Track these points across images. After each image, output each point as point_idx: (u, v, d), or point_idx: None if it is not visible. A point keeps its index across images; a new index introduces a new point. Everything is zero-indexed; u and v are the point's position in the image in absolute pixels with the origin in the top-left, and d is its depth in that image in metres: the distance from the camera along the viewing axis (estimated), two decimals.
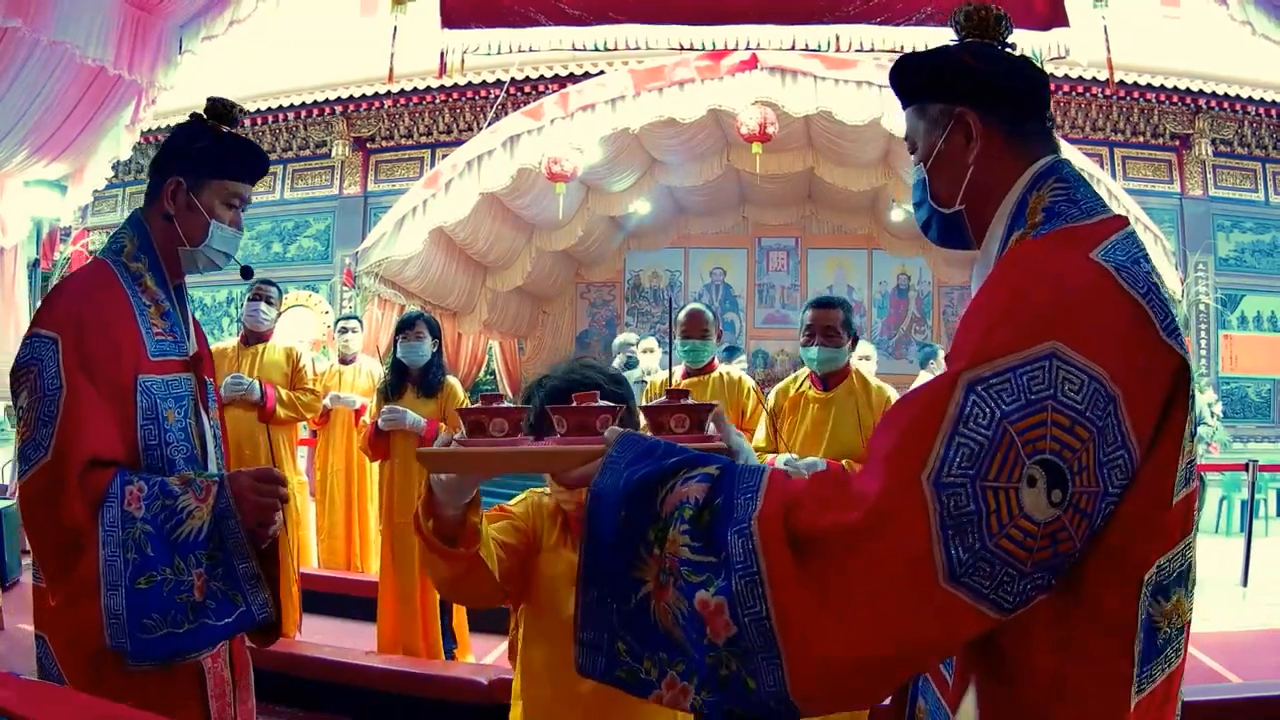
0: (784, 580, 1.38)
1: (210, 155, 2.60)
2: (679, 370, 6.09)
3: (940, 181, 1.82)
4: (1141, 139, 15.82)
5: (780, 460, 4.62)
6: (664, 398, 1.87)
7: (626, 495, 1.57)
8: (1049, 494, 1.36)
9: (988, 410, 1.38)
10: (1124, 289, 1.47)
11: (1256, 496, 10.46)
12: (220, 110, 2.64)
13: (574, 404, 1.85)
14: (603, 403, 1.88)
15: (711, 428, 1.86)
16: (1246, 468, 9.63)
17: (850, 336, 4.82)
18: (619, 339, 10.80)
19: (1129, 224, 1.61)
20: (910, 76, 1.87)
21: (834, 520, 1.39)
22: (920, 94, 1.85)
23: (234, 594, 2.42)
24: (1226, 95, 14.84)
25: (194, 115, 2.66)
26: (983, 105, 1.76)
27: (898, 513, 1.35)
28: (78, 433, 2.30)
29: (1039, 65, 1.84)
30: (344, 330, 8.46)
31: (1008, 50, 1.83)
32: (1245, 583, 8.74)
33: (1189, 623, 1.56)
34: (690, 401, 1.86)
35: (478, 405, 1.86)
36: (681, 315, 6.06)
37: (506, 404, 1.88)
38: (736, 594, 1.40)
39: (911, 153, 1.90)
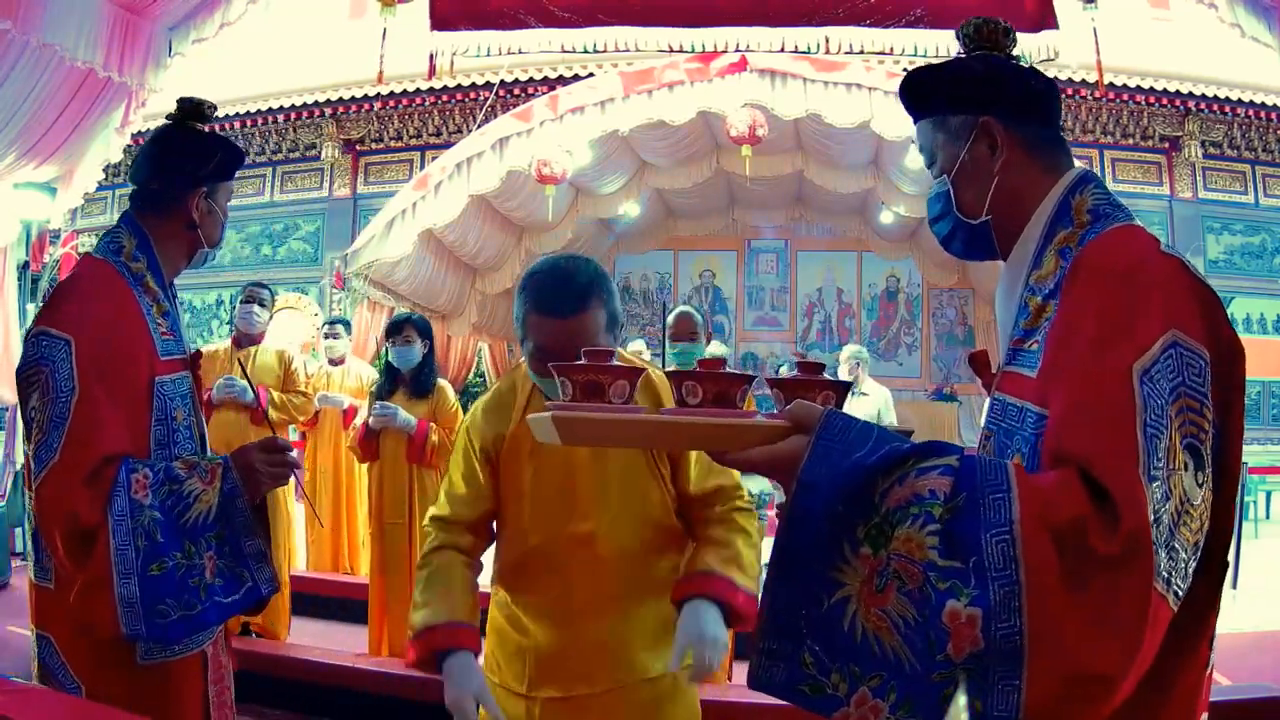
0: (1047, 593, 1.29)
1: (224, 163, 2.67)
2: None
3: (966, 192, 1.81)
4: (1131, 141, 15.88)
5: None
6: (797, 372, 1.67)
7: (847, 486, 1.41)
8: (1196, 476, 1.37)
9: (1158, 400, 1.38)
10: (1196, 277, 1.51)
11: (1246, 499, 10.49)
12: (195, 110, 2.69)
13: (588, 359, 1.68)
14: (736, 370, 1.67)
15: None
16: None
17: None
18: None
19: None
20: (925, 89, 1.86)
21: (1099, 535, 1.31)
22: (938, 106, 1.84)
23: (240, 571, 2.45)
24: (1216, 98, 14.90)
25: (171, 117, 2.70)
26: (1006, 114, 1.76)
27: (1142, 522, 1.30)
28: (90, 434, 2.31)
29: (1047, 76, 1.83)
30: (328, 335, 8.46)
31: (1016, 61, 1.83)
32: (1235, 585, 8.74)
33: None
34: (832, 377, 1.66)
35: (584, 363, 1.67)
36: (670, 318, 6.05)
37: (616, 361, 1.71)
38: (993, 606, 1.30)
39: (929, 166, 1.88)
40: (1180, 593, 1.35)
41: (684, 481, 2.62)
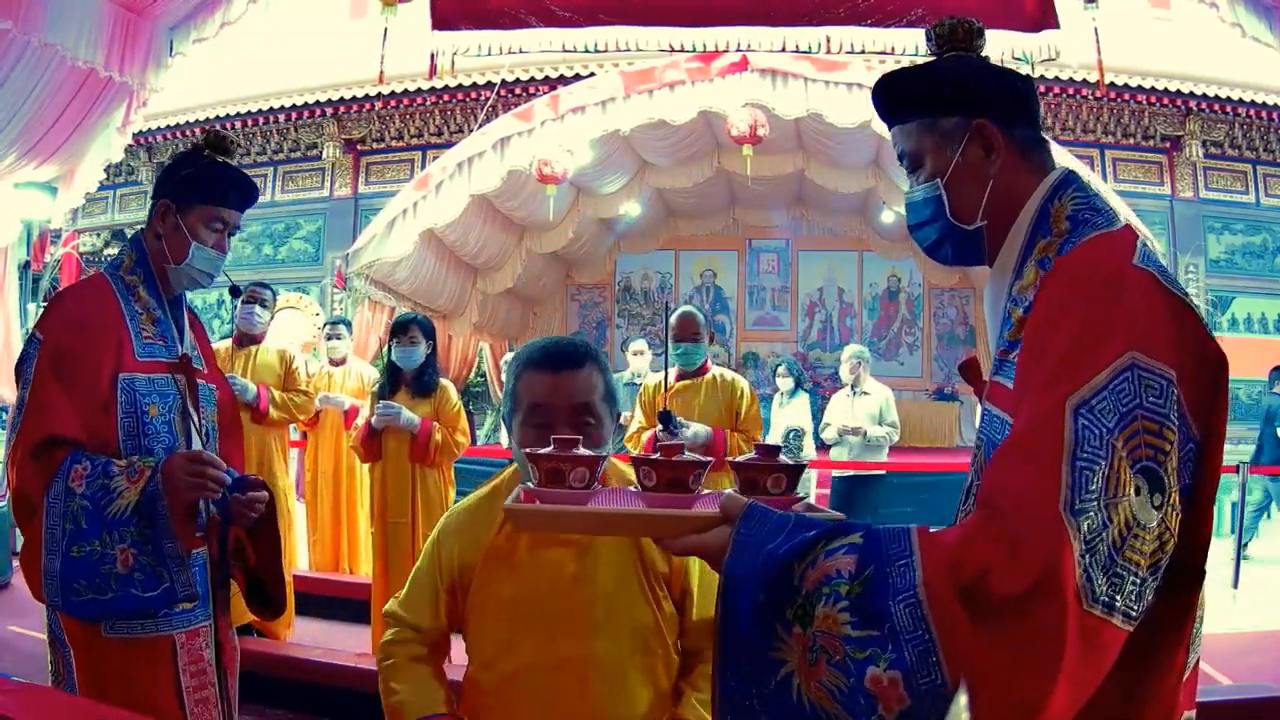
0: (959, 647, 1.33)
1: (198, 181, 2.85)
2: (673, 373, 6.07)
3: (961, 196, 1.78)
4: (1132, 141, 15.86)
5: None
6: (754, 454, 1.73)
7: (765, 576, 1.49)
8: (1151, 499, 1.38)
9: (1096, 431, 1.38)
10: (1170, 291, 1.50)
11: (1247, 499, 10.48)
12: (216, 142, 2.91)
13: (554, 448, 1.73)
14: (691, 456, 1.74)
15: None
16: (1237, 470, 9.62)
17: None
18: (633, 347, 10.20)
19: (1137, 233, 1.62)
20: (910, 92, 1.83)
21: (1001, 579, 1.34)
22: (925, 109, 1.81)
23: (160, 570, 2.62)
24: (1217, 97, 14.88)
25: (194, 145, 2.94)
26: (997, 116, 1.74)
27: (1055, 556, 1.32)
28: (38, 414, 2.62)
29: (1026, 75, 1.82)
30: (330, 336, 8.44)
31: (987, 61, 1.82)
32: (1236, 584, 8.76)
33: None
34: (785, 460, 1.72)
35: (550, 450, 1.73)
36: (673, 319, 6.03)
37: (581, 450, 1.75)
38: (911, 666, 1.34)
39: (912, 171, 1.86)
40: (1133, 612, 1.36)
41: (690, 609, 2.42)
